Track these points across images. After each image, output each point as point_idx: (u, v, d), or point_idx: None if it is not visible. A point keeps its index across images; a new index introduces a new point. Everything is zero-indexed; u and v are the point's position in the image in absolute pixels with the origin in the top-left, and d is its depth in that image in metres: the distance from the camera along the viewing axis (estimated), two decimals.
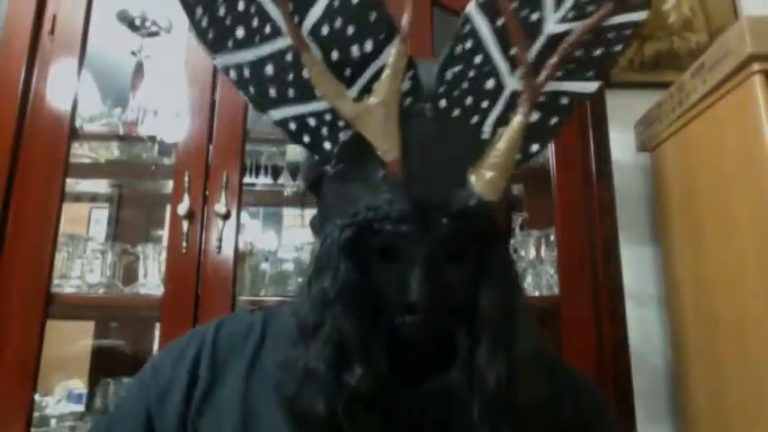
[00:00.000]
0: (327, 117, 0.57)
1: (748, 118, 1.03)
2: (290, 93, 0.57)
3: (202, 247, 1.18)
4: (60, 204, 1.19)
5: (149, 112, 1.40)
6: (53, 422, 1.40)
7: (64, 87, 1.25)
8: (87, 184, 1.73)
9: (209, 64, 1.27)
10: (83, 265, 1.35)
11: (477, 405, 0.52)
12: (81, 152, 1.50)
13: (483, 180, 0.54)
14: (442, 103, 0.56)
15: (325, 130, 0.57)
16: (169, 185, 1.28)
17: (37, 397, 1.13)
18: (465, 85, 0.56)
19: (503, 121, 0.56)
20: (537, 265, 1.32)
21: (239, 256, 1.23)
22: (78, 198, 1.75)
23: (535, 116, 0.57)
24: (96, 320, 1.69)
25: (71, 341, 1.64)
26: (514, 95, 0.56)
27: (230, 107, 1.25)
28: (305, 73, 0.55)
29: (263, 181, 1.59)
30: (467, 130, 0.57)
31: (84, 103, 1.38)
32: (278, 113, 0.57)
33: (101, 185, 1.75)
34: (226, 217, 1.20)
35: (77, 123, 1.29)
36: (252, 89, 0.56)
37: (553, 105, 0.58)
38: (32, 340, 1.11)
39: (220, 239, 1.18)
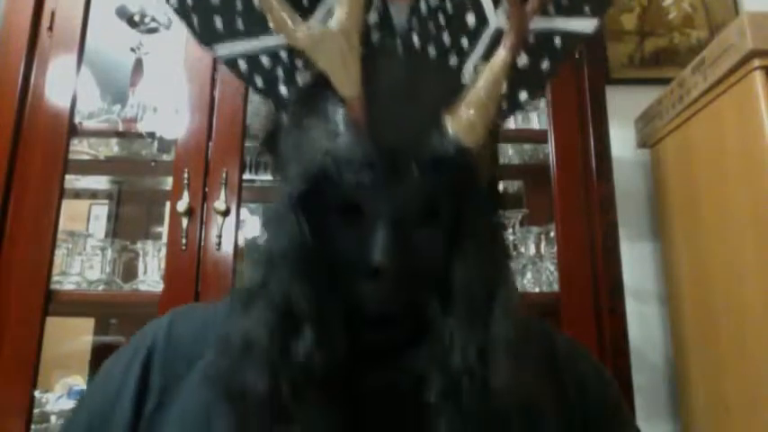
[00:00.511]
0: (283, 55, 0.48)
1: (749, 114, 1.03)
2: (239, 24, 0.48)
3: (202, 243, 1.18)
4: (60, 201, 1.19)
5: (149, 109, 1.39)
6: (53, 419, 1.40)
7: (63, 84, 1.25)
8: (87, 181, 1.73)
9: (208, 60, 1.26)
10: (82, 261, 1.35)
11: (436, 387, 0.44)
12: (80, 149, 1.50)
13: (460, 122, 0.45)
14: (415, 39, 0.47)
15: (280, 71, 0.49)
16: (169, 182, 1.28)
17: (37, 393, 1.14)
18: (442, 19, 0.48)
19: (485, 62, 0.48)
20: (537, 261, 1.32)
21: (239, 253, 1.23)
22: (78, 195, 1.75)
23: (524, 59, 0.49)
24: (96, 317, 1.69)
25: (71, 338, 1.64)
26: (499, 34, 0.48)
27: (230, 104, 1.25)
28: (256, 0, 0.46)
29: (262, 177, 1.59)
30: (443, 70, 0.48)
31: (84, 99, 1.37)
32: (225, 49, 0.48)
33: (100, 182, 1.75)
34: (225, 213, 1.19)
35: (76, 120, 1.29)
36: (195, 19, 0.48)
37: (545, 47, 0.50)
38: (32, 337, 1.11)
39: (220, 236, 1.18)
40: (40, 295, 1.14)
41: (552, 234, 1.29)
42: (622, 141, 1.42)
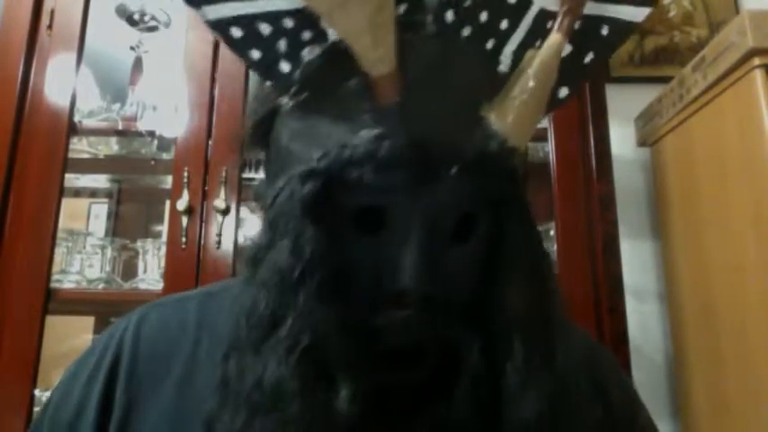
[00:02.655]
0: (288, 23, 0.39)
1: (749, 113, 1.03)
2: None
3: (202, 242, 1.18)
4: (59, 200, 1.19)
5: (148, 108, 1.39)
6: None
7: (62, 82, 1.24)
8: (86, 180, 1.73)
9: (208, 59, 1.26)
10: (82, 260, 1.35)
11: None
12: (80, 147, 1.50)
13: (507, 118, 0.38)
14: (449, 16, 0.39)
15: (282, 44, 0.40)
16: (168, 180, 1.28)
17: (37, 392, 1.13)
18: None
19: (525, 49, 0.41)
20: None
21: (239, 251, 1.23)
22: (77, 193, 1.75)
23: (567, 49, 0.42)
24: (96, 316, 1.69)
25: (71, 336, 1.64)
26: (544, 16, 0.41)
27: (230, 102, 1.25)
28: None
29: (263, 176, 1.58)
30: (480, 55, 0.40)
31: (83, 98, 1.37)
32: (214, 11, 0.39)
33: (100, 180, 1.75)
34: (225, 212, 1.19)
35: (76, 118, 1.29)
36: None
37: (590, 36, 0.43)
38: (32, 336, 1.11)
39: (220, 234, 1.18)
40: (39, 294, 1.14)
41: (552, 232, 1.29)
42: (622, 140, 1.42)
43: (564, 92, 0.43)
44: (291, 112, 0.41)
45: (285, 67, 0.40)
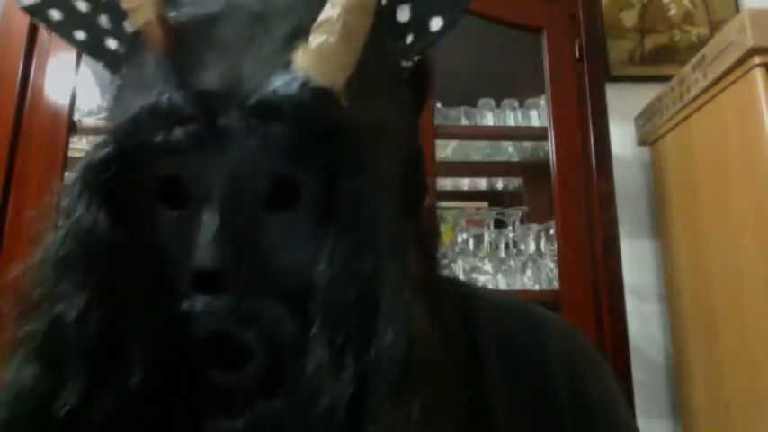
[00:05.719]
0: None
1: (749, 112, 1.03)
2: None
3: None
4: (59, 199, 1.19)
5: None
6: None
7: (62, 81, 1.24)
8: None
9: None
10: None
11: None
12: (80, 146, 1.50)
13: (311, 53, 0.31)
14: None
15: (104, 20, 0.37)
16: None
17: None
18: None
19: None
20: (537, 258, 1.32)
21: None
22: None
23: None
24: None
25: None
26: None
27: None
28: None
29: None
30: None
31: (83, 97, 1.37)
32: None
33: None
34: None
35: (76, 117, 1.28)
36: None
37: None
38: None
39: None
40: None
41: (552, 231, 1.29)
42: (622, 139, 1.42)
43: (437, 22, 0.36)
44: (120, 88, 0.37)
45: (112, 44, 0.38)
